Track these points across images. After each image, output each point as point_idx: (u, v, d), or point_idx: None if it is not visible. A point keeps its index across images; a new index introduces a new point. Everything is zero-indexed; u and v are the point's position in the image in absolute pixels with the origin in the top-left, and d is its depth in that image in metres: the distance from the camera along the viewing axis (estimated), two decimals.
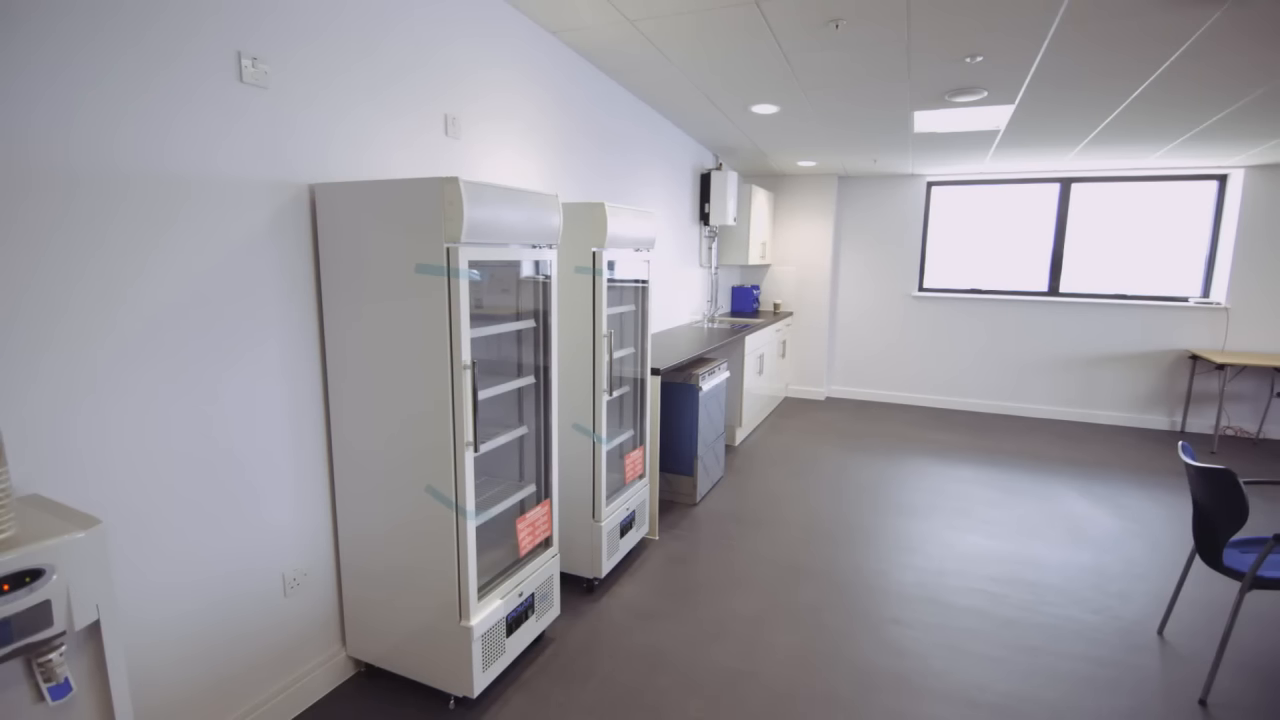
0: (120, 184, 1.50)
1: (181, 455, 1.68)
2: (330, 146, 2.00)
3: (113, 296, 1.50)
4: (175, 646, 1.71)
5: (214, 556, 1.78)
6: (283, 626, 2.01)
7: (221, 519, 1.79)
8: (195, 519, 1.73)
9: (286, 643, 2.03)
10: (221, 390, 1.76)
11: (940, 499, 4.09)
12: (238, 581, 1.86)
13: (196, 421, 1.70)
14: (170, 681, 1.71)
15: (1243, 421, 5.79)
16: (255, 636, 1.93)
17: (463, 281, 1.82)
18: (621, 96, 3.85)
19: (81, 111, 1.42)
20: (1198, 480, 2.37)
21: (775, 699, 2.20)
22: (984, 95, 3.65)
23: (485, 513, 2.13)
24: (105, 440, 1.51)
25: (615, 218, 2.67)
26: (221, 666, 1.84)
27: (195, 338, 1.68)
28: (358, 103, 2.07)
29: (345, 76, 2.02)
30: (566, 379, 2.78)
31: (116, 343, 1.52)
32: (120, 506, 1.56)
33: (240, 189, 1.75)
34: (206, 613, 1.78)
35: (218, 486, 1.77)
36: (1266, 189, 5.49)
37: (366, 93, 2.10)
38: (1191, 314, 5.82)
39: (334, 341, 2.01)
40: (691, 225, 5.47)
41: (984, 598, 2.89)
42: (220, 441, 1.77)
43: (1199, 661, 2.45)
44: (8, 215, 1.32)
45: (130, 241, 1.53)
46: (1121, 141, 4.72)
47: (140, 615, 1.63)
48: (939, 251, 6.70)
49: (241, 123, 1.74)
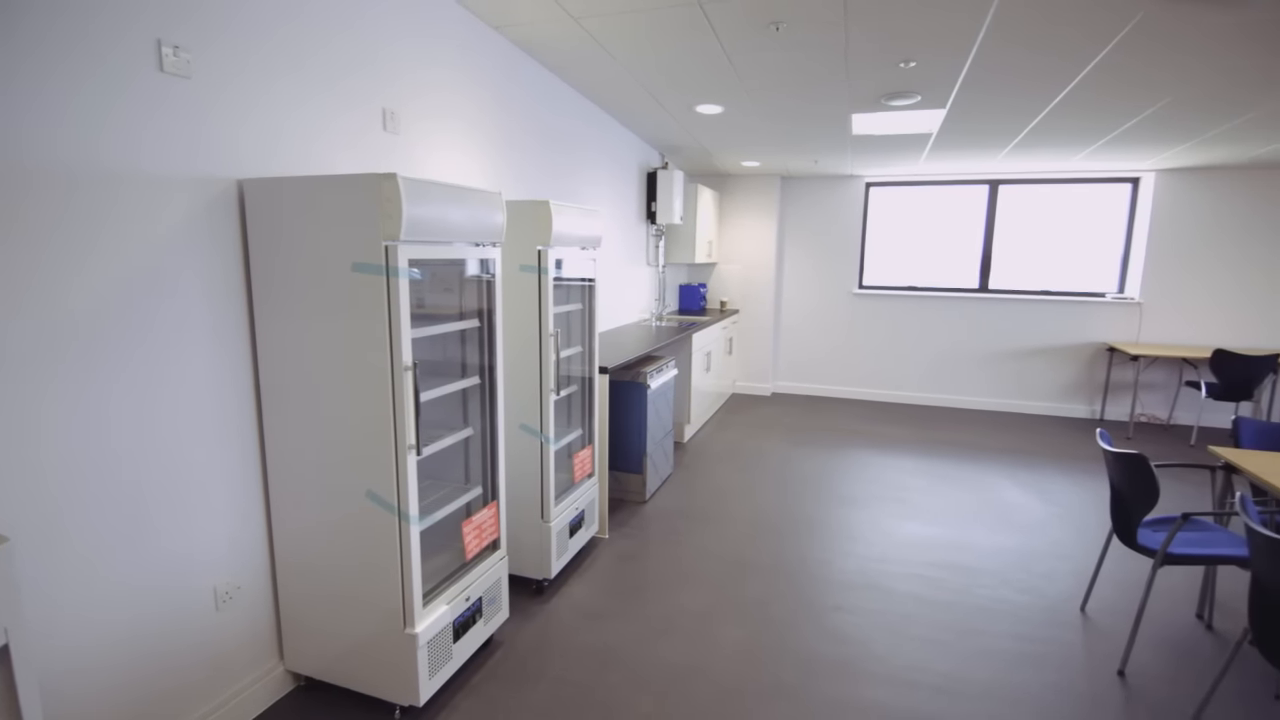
0: (22, 179, 1.40)
1: (98, 466, 1.58)
2: (260, 140, 1.92)
3: (10, 305, 1.40)
4: (97, 669, 1.62)
5: (137, 572, 1.69)
6: (215, 642, 1.92)
7: (144, 533, 1.70)
8: (115, 534, 1.63)
9: (220, 659, 1.94)
10: (142, 398, 1.67)
11: (881, 489, 4.23)
12: (165, 598, 1.77)
13: (116, 431, 1.61)
14: (93, 706, 1.61)
15: (1155, 409, 6.19)
16: (186, 654, 1.84)
17: (402, 280, 1.77)
18: (567, 94, 3.83)
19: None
20: (1114, 465, 2.52)
21: (723, 692, 2.23)
22: (917, 99, 3.78)
23: (430, 517, 2.09)
24: (7, 453, 1.41)
25: (560, 216, 2.65)
26: (150, 687, 1.74)
27: (113, 342, 1.59)
28: (289, 95, 1.99)
29: (275, 67, 1.94)
30: (513, 379, 2.75)
31: (20, 350, 1.42)
32: (30, 523, 1.46)
33: (162, 184, 1.67)
34: (131, 632, 1.69)
35: (140, 499, 1.68)
36: (1174, 192, 5.88)
37: (299, 84, 2.02)
38: (1108, 309, 6.19)
39: (266, 343, 1.93)
40: (638, 224, 5.49)
41: (922, 583, 3.01)
42: (142, 451, 1.68)
43: (1117, 635, 2.61)
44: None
45: (37, 242, 1.43)
46: (1045, 145, 4.97)
47: (56, 638, 1.53)
48: (878, 250, 6.92)
49: (163, 114, 1.65)
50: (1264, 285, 5.80)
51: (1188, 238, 5.91)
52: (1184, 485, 4.42)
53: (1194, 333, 6.02)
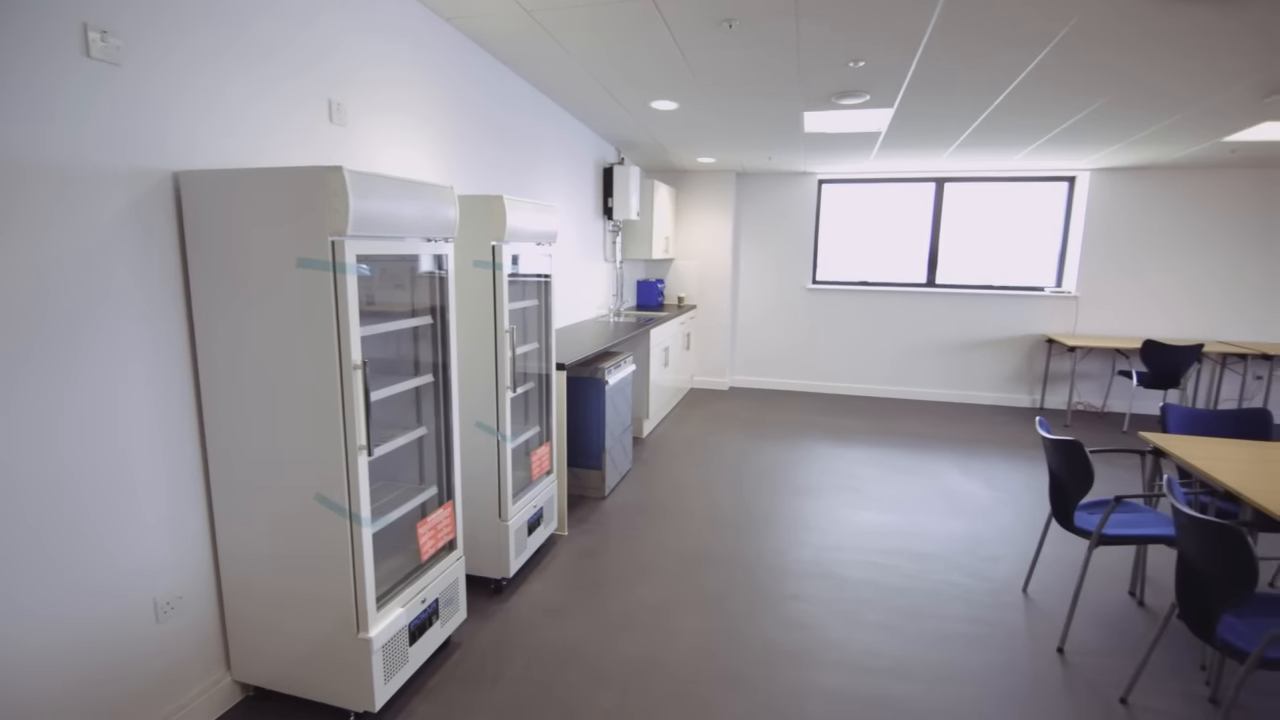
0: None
1: (23, 474, 1.50)
2: (197, 131, 1.83)
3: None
4: (25, 688, 1.53)
5: (69, 586, 1.61)
6: (157, 655, 1.84)
7: (76, 544, 1.62)
8: (42, 546, 1.55)
9: (162, 673, 1.86)
10: (72, 401, 1.58)
11: (835, 479, 4.32)
12: (101, 611, 1.69)
13: (41, 437, 1.53)
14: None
15: (1091, 397, 6.49)
16: (125, 669, 1.76)
17: (350, 277, 1.73)
18: (522, 88, 3.78)
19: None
20: (1052, 451, 2.64)
21: (682, 684, 2.25)
22: (867, 98, 3.87)
23: (382, 518, 2.05)
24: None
25: (515, 211, 2.63)
26: (86, 706, 1.66)
27: (37, 344, 1.50)
28: (228, 84, 1.91)
29: (212, 54, 1.86)
30: (468, 376, 2.71)
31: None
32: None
33: (91, 176, 1.58)
34: (64, 649, 1.61)
35: (70, 508, 1.60)
36: (1108, 190, 6.17)
37: (238, 73, 1.94)
38: (1047, 302, 6.45)
39: (207, 343, 1.86)
40: (595, 219, 5.47)
41: (875, 569, 3.09)
42: (71, 457, 1.59)
43: (1057, 614, 2.73)
44: None
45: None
46: (987, 145, 5.15)
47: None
48: (830, 246, 7.06)
49: (90, 103, 1.57)
50: (1189, 279, 6.14)
51: (1120, 234, 6.20)
52: (1117, 469, 4.65)
53: (1126, 324, 6.33)
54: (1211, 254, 6.05)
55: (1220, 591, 1.79)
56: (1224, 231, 6.00)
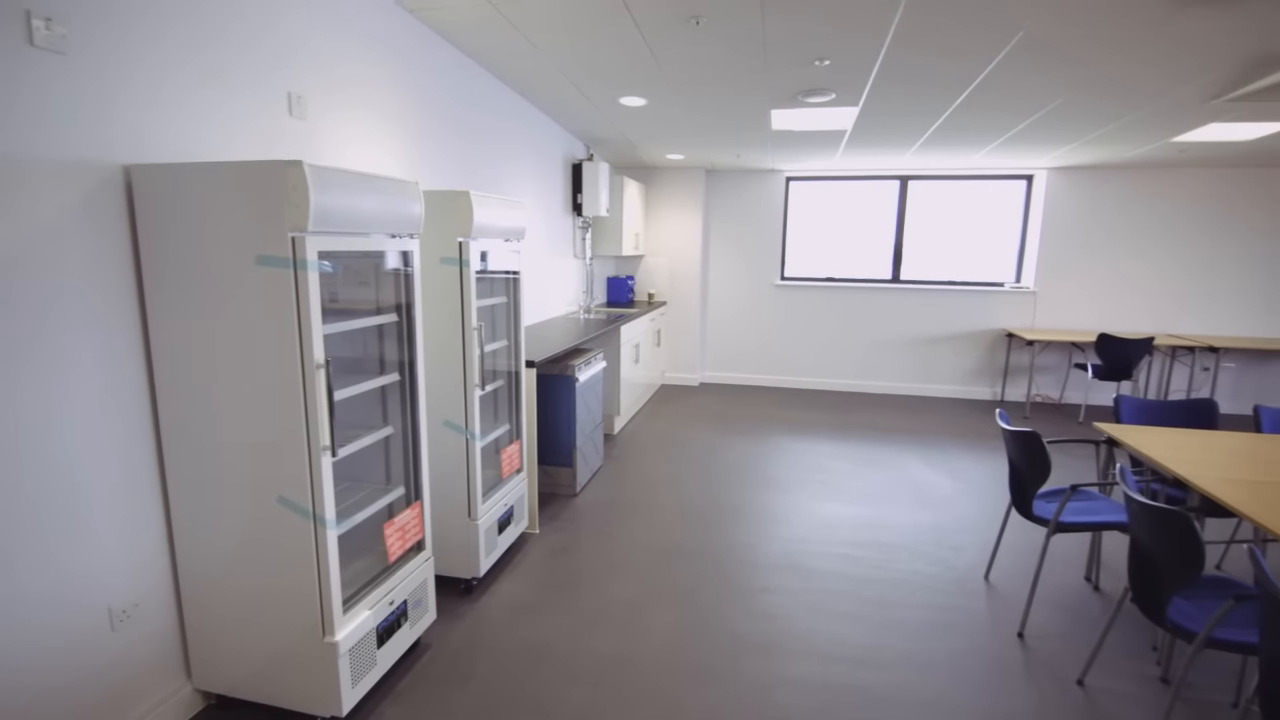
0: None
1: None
2: (149, 122, 1.77)
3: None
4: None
5: (18, 595, 1.55)
6: (113, 666, 1.79)
7: (24, 552, 1.56)
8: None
9: (118, 683, 1.80)
10: (17, 405, 1.52)
11: (804, 473, 4.38)
12: (52, 621, 1.62)
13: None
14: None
15: (1048, 389, 6.69)
16: (78, 680, 1.70)
17: (312, 274, 1.69)
18: (489, 83, 3.74)
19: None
20: (1011, 442, 2.71)
21: (654, 678, 2.26)
22: (832, 97, 3.92)
23: (348, 520, 2.01)
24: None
25: (481, 207, 2.60)
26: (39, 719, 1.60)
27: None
28: (182, 73, 1.85)
29: (165, 43, 1.80)
30: (435, 374, 2.67)
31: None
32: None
33: (35, 170, 1.52)
34: (13, 661, 1.54)
35: (16, 514, 1.54)
36: (1064, 188, 6.35)
37: (193, 63, 1.88)
38: (1007, 297, 6.62)
39: (162, 343, 1.80)
40: (564, 216, 5.44)
41: (842, 560, 3.14)
42: (16, 461, 1.53)
43: (1017, 600, 2.82)
44: None
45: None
46: (949, 143, 5.26)
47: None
48: (798, 242, 7.14)
49: (34, 93, 1.50)
50: (1141, 274, 6.36)
51: (1075, 231, 6.40)
52: (1073, 459, 4.81)
53: (1082, 319, 6.54)
54: (1162, 250, 6.28)
55: (1170, 575, 1.87)
56: (1174, 229, 6.23)
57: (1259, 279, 6.17)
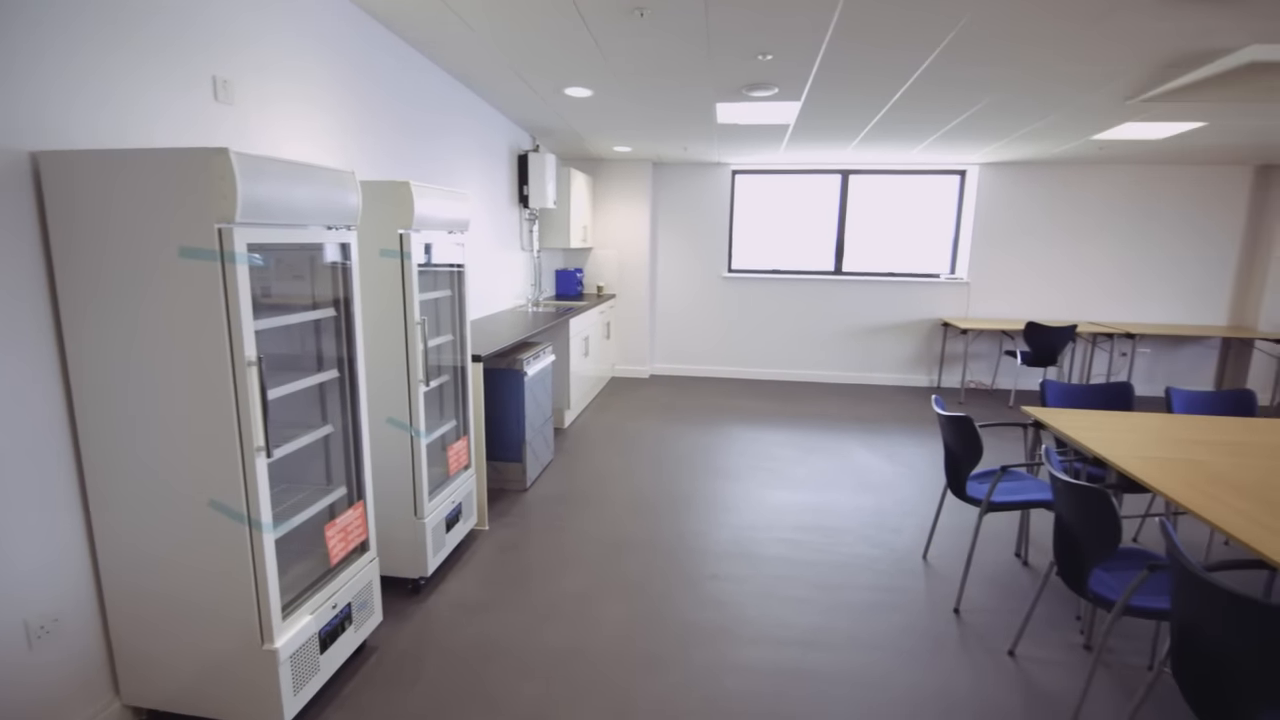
0: None
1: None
2: (61, 106, 1.66)
3: None
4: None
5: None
6: (31, 685, 1.68)
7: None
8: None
9: (38, 704, 1.70)
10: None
11: (752, 461, 4.46)
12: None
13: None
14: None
15: (981, 376, 6.99)
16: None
17: (240, 267, 1.62)
18: (432, 72, 3.64)
19: None
20: (946, 426, 2.82)
21: (605, 669, 2.27)
22: (775, 91, 3.97)
23: (286, 523, 1.94)
24: None
25: (423, 198, 2.53)
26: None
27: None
28: (99, 54, 1.73)
29: (80, 20, 1.68)
30: (377, 371, 2.60)
31: None
32: None
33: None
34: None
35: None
36: (994, 183, 6.63)
37: (107, 42, 1.76)
38: (942, 288, 6.88)
39: (78, 341, 1.69)
40: (510, 207, 5.36)
41: (790, 546, 3.22)
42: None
43: (953, 577, 2.94)
44: None
45: None
46: (887, 139, 5.41)
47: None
48: (745, 235, 7.23)
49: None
50: (1065, 265, 6.70)
51: (1005, 224, 6.69)
52: (1004, 441, 5.05)
53: (1012, 308, 6.85)
54: (1084, 242, 6.63)
55: (1090, 548, 1.98)
56: (1095, 222, 6.58)
57: (1172, 270, 6.59)
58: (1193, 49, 2.99)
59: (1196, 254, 6.54)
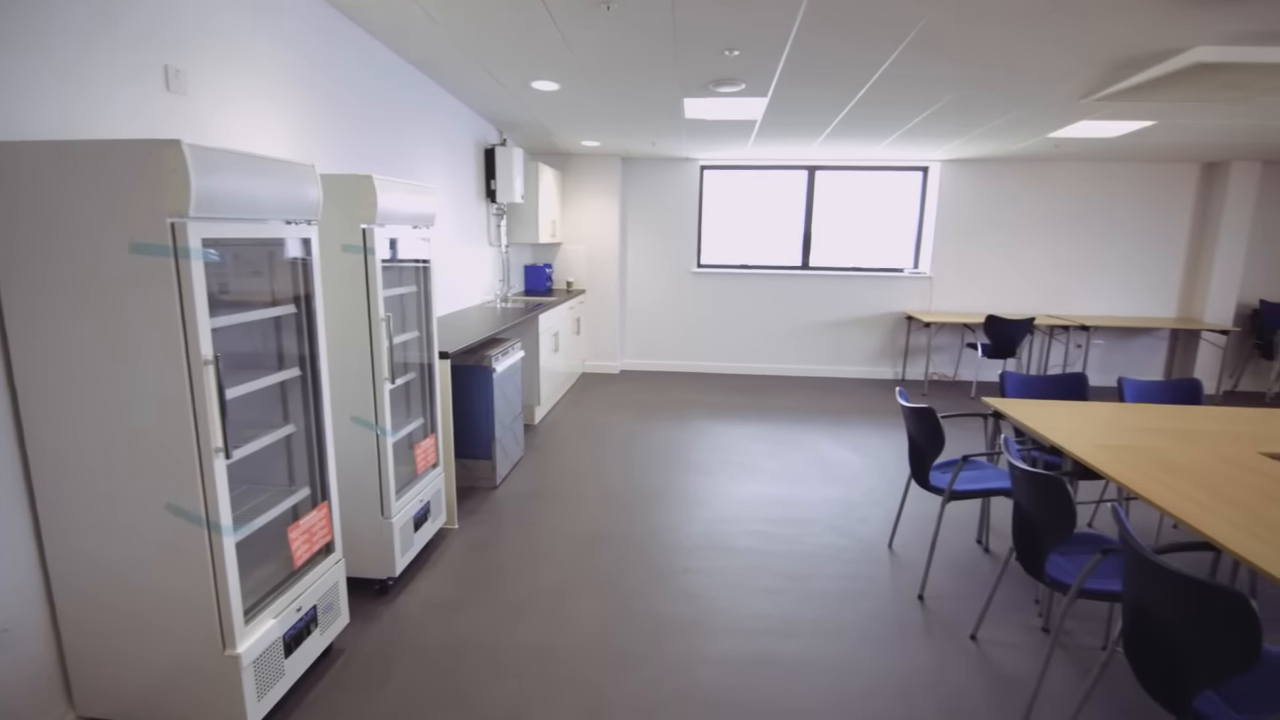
0: None
1: None
2: (1, 96, 1.58)
3: None
4: None
5: None
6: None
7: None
8: None
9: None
10: None
11: (723, 455, 4.50)
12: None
13: None
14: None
15: (944, 368, 7.15)
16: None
17: (195, 263, 1.57)
18: (396, 64, 3.57)
19: None
20: (910, 418, 2.88)
21: (578, 666, 2.27)
22: (742, 87, 3.99)
23: (247, 525, 1.89)
24: None
25: (386, 192, 2.49)
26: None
27: None
28: (41, 39, 1.66)
29: (17, 7, 1.61)
30: (341, 368, 2.55)
31: None
32: None
33: None
34: None
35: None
36: (955, 180, 6.77)
37: (52, 27, 1.69)
38: (906, 282, 7.02)
39: (22, 341, 1.62)
40: (478, 202, 5.29)
41: (760, 538, 3.25)
42: None
43: (917, 565, 3.01)
44: None
45: None
46: (853, 135, 5.48)
47: None
48: (713, 230, 7.27)
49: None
50: (1024, 259, 6.89)
51: (966, 220, 6.84)
52: (965, 432, 5.17)
53: (972, 301, 7.02)
54: (1041, 237, 6.82)
55: (1047, 533, 2.05)
56: (1051, 217, 6.77)
57: (1124, 264, 6.83)
58: (1143, 50, 3.09)
59: (1147, 248, 6.78)
